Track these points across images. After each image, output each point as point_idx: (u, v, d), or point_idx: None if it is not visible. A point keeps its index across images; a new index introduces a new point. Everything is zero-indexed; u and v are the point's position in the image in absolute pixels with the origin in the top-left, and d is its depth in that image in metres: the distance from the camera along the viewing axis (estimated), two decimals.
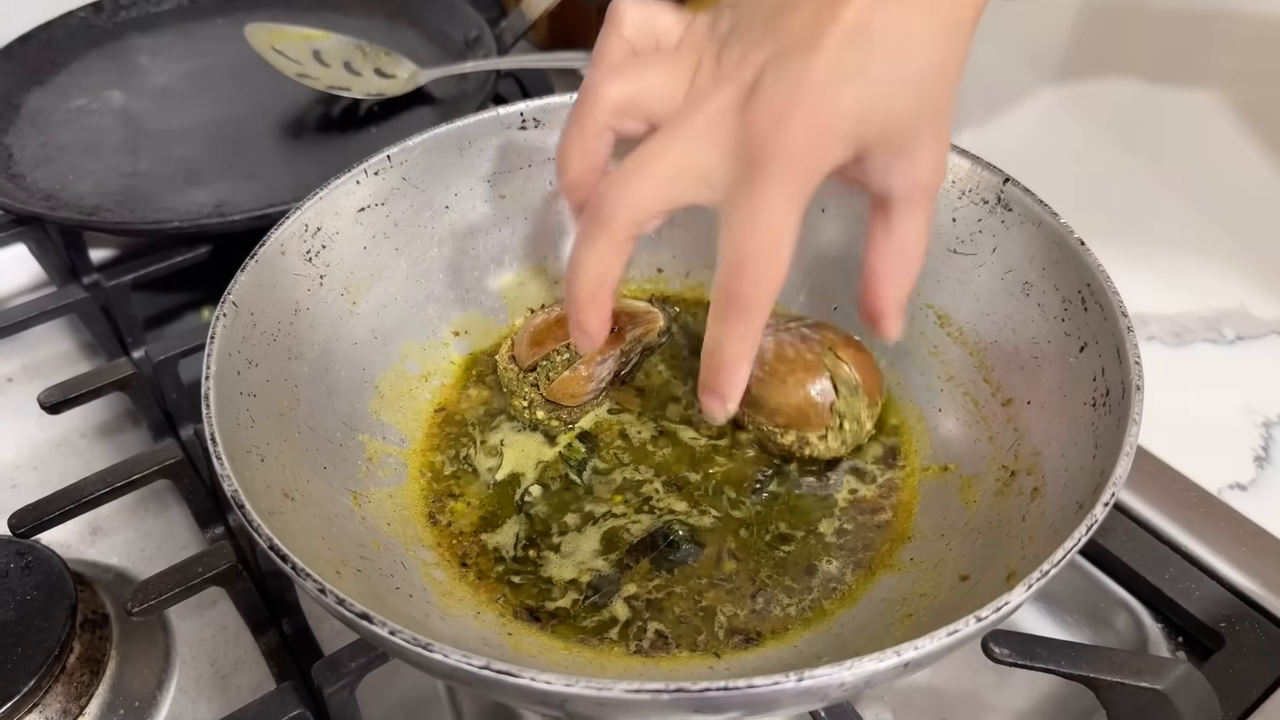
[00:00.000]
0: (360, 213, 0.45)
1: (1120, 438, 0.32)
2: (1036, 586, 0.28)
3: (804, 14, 0.34)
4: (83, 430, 0.60)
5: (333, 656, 0.39)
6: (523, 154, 0.49)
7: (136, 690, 0.46)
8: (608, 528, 0.41)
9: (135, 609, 0.42)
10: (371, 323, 0.45)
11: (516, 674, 0.26)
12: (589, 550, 0.40)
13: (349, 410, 0.43)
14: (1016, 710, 0.45)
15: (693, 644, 0.37)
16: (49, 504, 0.46)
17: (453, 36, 0.76)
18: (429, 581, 0.38)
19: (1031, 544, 0.32)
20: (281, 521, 0.33)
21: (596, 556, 0.40)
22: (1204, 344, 0.59)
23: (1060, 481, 0.35)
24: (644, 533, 0.40)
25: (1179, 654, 0.45)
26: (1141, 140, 0.75)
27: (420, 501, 0.42)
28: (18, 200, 0.61)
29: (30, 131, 0.69)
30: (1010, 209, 0.42)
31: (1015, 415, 0.40)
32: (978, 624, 0.27)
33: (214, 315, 0.38)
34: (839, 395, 0.42)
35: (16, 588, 0.45)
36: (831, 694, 0.28)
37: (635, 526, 0.41)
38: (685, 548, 0.40)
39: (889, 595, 0.37)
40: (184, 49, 0.77)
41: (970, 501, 0.39)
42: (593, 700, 0.26)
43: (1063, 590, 0.48)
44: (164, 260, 0.59)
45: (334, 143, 0.68)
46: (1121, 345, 0.35)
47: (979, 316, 0.43)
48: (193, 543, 0.53)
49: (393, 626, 0.28)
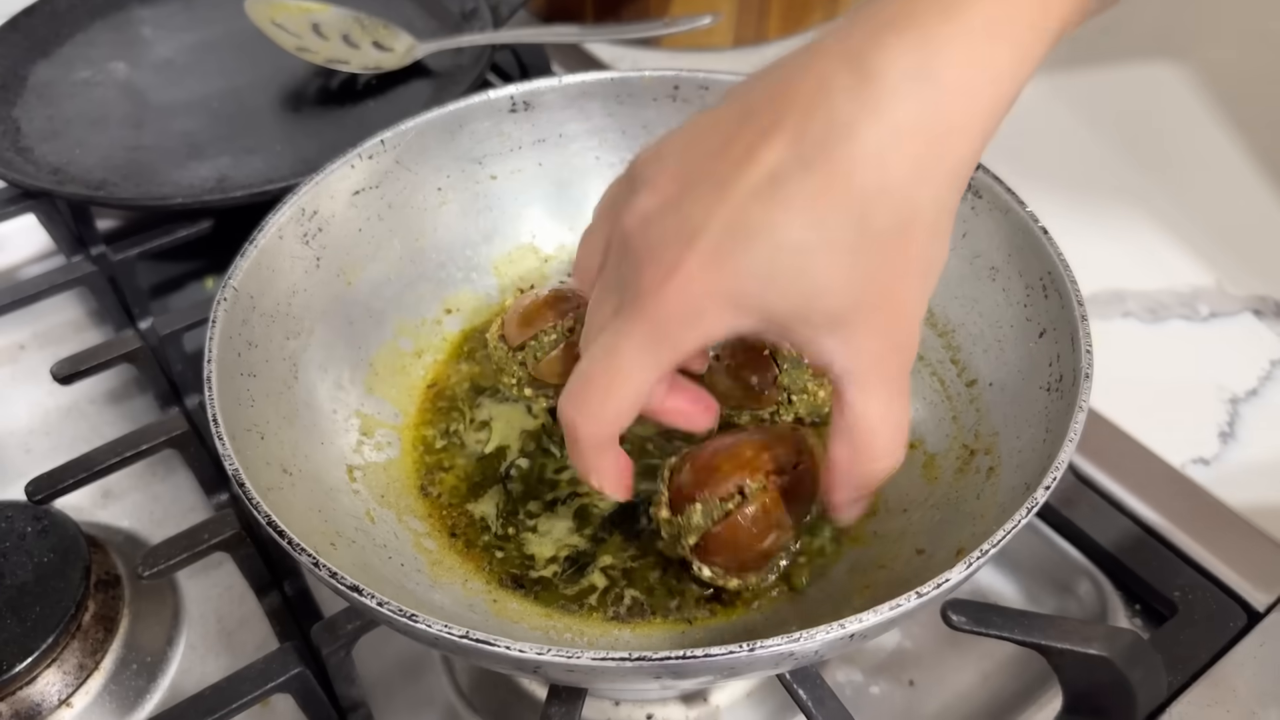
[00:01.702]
0: (355, 195, 0.47)
1: (1067, 423, 0.34)
2: (976, 565, 0.30)
3: (737, 147, 0.29)
4: (91, 397, 0.62)
5: (331, 619, 0.41)
6: (513, 136, 0.51)
7: (148, 646, 0.49)
8: (580, 504, 0.43)
9: (146, 572, 0.44)
10: (366, 302, 0.47)
11: (493, 643, 0.29)
12: (564, 528, 0.42)
13: (344, 387, 0.45)
14: (982, 671, 0.48)
15: (666, 610, 0.39)
16: (63, 472, 0.48)
17: (449, 8, 0.76)
18: (420, 551, 0.41)
19: (982, 521, 0.34)
20: (280, 496, 0.35)
21: (572, 533, 0.42)
22: (1179, 320, 0.60)
23: (1014, 462, 0.37)
24: (614, 506, 0.43)
25: (1136, 620, 0.47)
26: (1126, 123, 0.76)
27: (413, 474, 0.44)
28: (27, 175, 0.62)
29: (37, 104, 0.70)
30: (980, 196, 0.44)
31: (978, 396, 0.42)
32: (919, 599, 0.29)
33: (214, 299, 0.40)
34: (781, 371, 0.43)
35: (34, 550, 0.47)
36: (783, 663, 0.30)
37: (605, 501, 0.43)
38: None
39: (852, 566, 0.39)
40: (185, 20, 0.78)
41: (932, 478, 0.41)
42: (562, 667, 0.29)
43: (1029, 560, 0.51)
44: (168, 235, 0.61)
45: (333, 116, 0.69)
46: (1075, 333, 0.37)
47: (949, 299, 0.45)
48: (199, 506, 0.55)
49: (380, 598, 0.30)
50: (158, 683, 0.48)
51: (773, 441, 0.38)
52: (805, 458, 0.38)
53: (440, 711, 0.46)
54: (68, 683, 0.46)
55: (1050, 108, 0.77)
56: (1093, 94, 0.78)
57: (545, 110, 0.51)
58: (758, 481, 0.37)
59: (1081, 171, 0.71)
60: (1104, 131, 0.75)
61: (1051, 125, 0.75)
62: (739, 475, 0.37)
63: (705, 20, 0.67)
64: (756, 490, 0.37)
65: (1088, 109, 0.77)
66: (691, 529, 0.37)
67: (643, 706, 0.45)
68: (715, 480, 0.37)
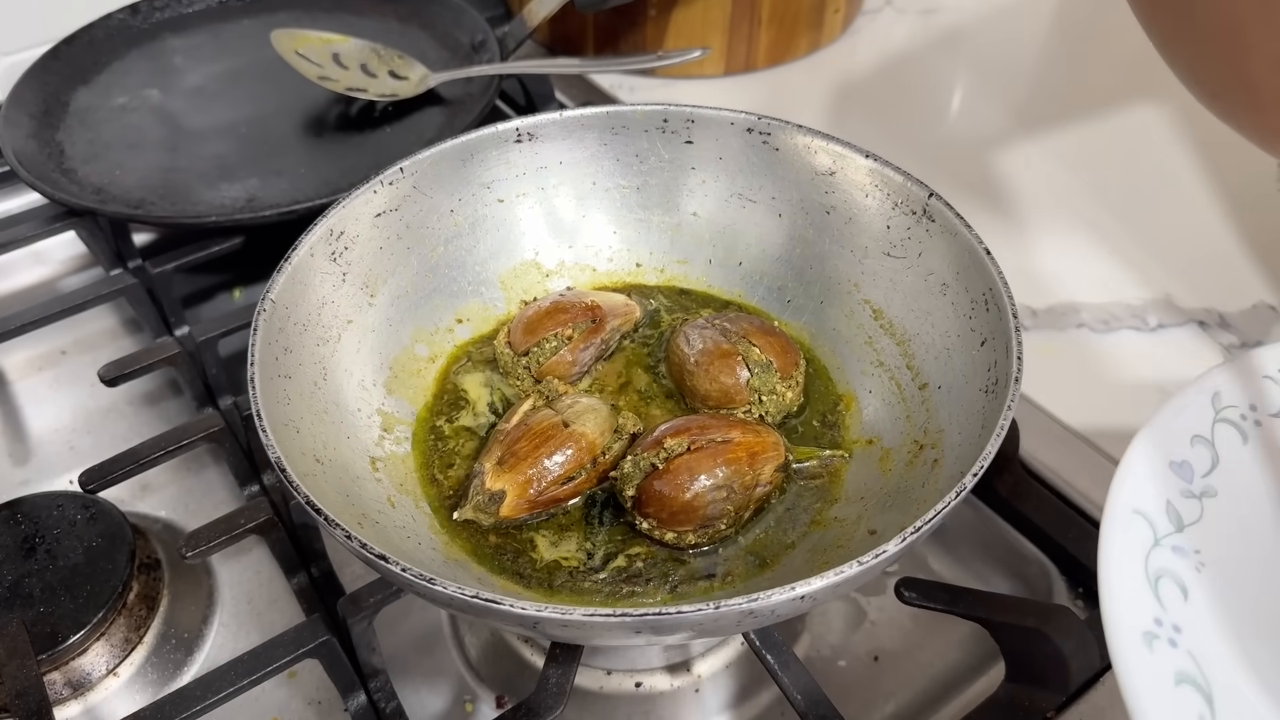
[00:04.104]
0: (377, 217, 0.52)
1: (995, 420, 0.39)
2: (910, 540, 0.35)
3: None
4: (129, 399, 0.67)
5: (354, 593, 0.46)
6: (517, 164, 0.56)
7: (185, 624, 0.54)
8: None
9: (189, 553, 0.49)
10: (387, 312, 0.52)
11: (499, 601, 0.34)
12: (561, 519, 0.47)
13: (368, 388, 0.50)
14: (939, 648, 0.53)
15: (658, 593, 0.44)
16: (112, 465, 0.53)
17: (460, 39, 0.82)
18: (434, 533, 0.46)
19: (925, 505, 0.39)
20: (314, 482, 0.40)
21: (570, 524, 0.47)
22: (1128, 331, 0.65)
23: (954, 455, 0.42)
24: (605, 494, 0.48)
25: (1078, 602, 0.52)
26: (1088, 147, 0.82)
27: (424, 467, 0.49)
28: (71, 194, 0.67)
29: (79, 129, 0.75)
30: (933, 220, 0.49)
31: (928, 398, 0.47)
32: (860, 567, 0.34)
33: (256, 310, 0.45)
34: (752, 374, 0.49)
35: (84, 535, 0.52)
36: (745, 621, 0.35)
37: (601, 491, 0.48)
38: None
39: (814, 547, 0.44)
40: (214, 50, 0.83)
41: (886, 470, 0.46)
42: (558, 622, 0.34)
43: (984, 548, 0.56)
44: (202, 250, 0.66)
45: (352, 141, 0.74)
46: (1010, 342, 0.42)
47: (906, 311, 0.50)
48: (228, 498, 0.60)
49: (404, 564, 0.35)
50: (194, 656, 0.53)
51: (714, 422, 0.46)
52: (743, 437, 0.45)
53: (451, 680, 0.51)
54: (115, 655, 0.51)
55: (1015, 139, 0.83)
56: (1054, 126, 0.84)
57: (547, 140, 0.56)
58: (681, 443, 0.44)
59: (1043, 196, 0.76)
60: (1064, 159, 0.80)
61: (1015, 155, 0.81)
62: (670, 439, 0.45)
63: (695, 54, 0.72)
64: (678, 449, 0.44)
65: (1048, 139, 0.82)
66: (625, 480, 0.45)
67: (632, 676, 0.50)
68: (648, 442, 0.45)
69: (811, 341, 0.53)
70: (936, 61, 0.92)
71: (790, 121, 0.53)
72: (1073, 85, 0.88)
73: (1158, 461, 0.40)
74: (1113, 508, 0.38)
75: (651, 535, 0.45)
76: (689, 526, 0.44)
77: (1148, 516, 0.38)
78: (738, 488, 0.44)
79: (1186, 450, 0.41)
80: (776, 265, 0.55)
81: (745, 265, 0.56)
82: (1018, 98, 0.88)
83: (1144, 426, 0.41)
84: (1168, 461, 0.40)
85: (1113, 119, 0.84)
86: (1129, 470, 0.39)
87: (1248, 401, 0.43)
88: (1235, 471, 0.41)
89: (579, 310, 0.52)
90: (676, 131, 0.55)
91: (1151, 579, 0.36)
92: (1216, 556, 0.38)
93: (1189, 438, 0.41)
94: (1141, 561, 0.37)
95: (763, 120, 0.53)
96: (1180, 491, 0.40)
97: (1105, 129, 0.83)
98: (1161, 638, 0.35)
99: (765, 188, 0.55)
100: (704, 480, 0.43)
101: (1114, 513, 0.38)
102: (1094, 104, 0.85)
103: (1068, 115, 0.85)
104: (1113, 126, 0.83)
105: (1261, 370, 0.44)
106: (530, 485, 0.45)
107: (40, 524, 0.53)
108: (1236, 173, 0.77)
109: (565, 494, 0.46)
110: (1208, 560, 0.38)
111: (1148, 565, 0.37)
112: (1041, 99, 0.88)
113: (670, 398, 0.52)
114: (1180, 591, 0.37)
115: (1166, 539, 0.38)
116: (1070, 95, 0.87)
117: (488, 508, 0.45)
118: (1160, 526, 0.38)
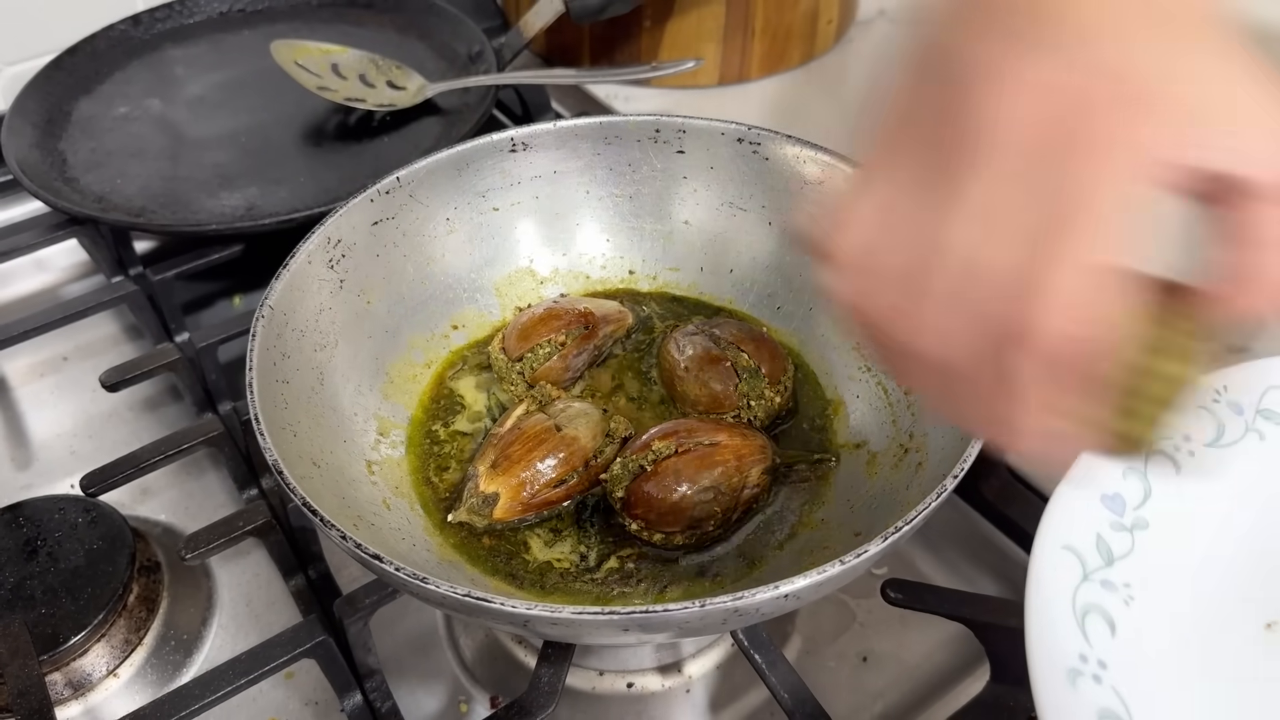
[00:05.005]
0: (374, 226, 0.53)
1: None
2: (891, 539, 0.36)
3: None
4: (130, 404, 0.68)
5: (351, 594, 0.47)
6: (512, 173, 0.57)
7: (185, 625, 0.54)
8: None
9: (188, 555, 0.50)
10: (383, 319, 0.53)
11: (490, 599, 0.35)
12: (554, 523, 0.48)
13: (364, 393, 0.51)
14: (926, 650, 0.53)
15: (647, 594, 0.45)
16: (113, 468, 0.54)
17: (457, 51, 0.83)
18: (429, 535, 0.47)
19: (909, 507, 0.40)
20: (311, 485, 0.41)
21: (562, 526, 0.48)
22: None
23: (938, 458, 0.43)
24: (596, 497, 0.49)
25: None
26: None
27: (419, 470, 0.50)
28: (74, 203, 0.68)
29: (81, 138, 0.76)
30: None
31: (914, 403, 0.48)
32: (842, 566, 0.35)
33: (254, 316, 0.46)
34: (742, 380, 0.50)
35: (85, 538, 0.53)
36: (731, 619, 0.36)
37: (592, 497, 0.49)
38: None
39: (802, 548, 0.45)
40: (215, 60, 0.84)
41: (873, 473, 0.47)
42: (548, 620, 0.35)
43: (970, 550, 0.57)
44: (202, 257, 0.67)
45: (351, 150, 0.75)
46: None
47: None
48: (227, 502, 0.61)
49: (398, 564, 0.36)
50: (193, 658, 0.54)
51: (702, 426, 0.47)
52: (730, 440, 0.46)
53: (446, 680, 0.52)
54: (115, 656, 0.52)
55: None
56: None
57: (541, 150, 0.57)
58: (669, 446, 0.45)
59: None
60: None
61: None
62: (658, 441, 0.46)
63: (689, 65, 0.73)
64: (666, 452, 0.45)
65: None
66: (614, 482, 0.46)
67: (623, 676, 0.51)
68: (637, 445, 0.46)
69: (801, 347, 0.54)
70: None
71: (780, 132, 0.54)
72: None
73: (1089, 494, 0.39)
74: (1041, 543, 0.38)
75: (640, 536, 0.46)
76: (677, 527, 0.45)
77: (1077, 551, 0.38)
78: (725, 490, 0.45)
79: (1119, 482, 0.40)
80: (767, 273, 0.56)
81: (736, 273, 0.57)
82: None
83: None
84: (1099, 494, 0.40)
85: None
86: (1058, 504, 0.39)
87: (1182, 432, 0.42)
88: (1167, 502, 0.40)
89: (572, 317, 0.53)
90: (668, 141, 0.56)
91: (1079, 615, 0.36)
92: (1146, 590, 0.38)
93: (1122, 469, 0.40)
94: (1069, 597, 0.36)
95: (753, 130, 0.54)
96: (1110, 524, 0.39)
97: None
98: (1086, 674, 0.34)
99: (756, 197, 0.56)
100: (691, 482, 0.44)
101: (1042, 548, 0.37)
102: None
103: None
104: None
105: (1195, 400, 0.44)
106: (524, 488, 0.46)
107: (42, 527, 0.53)
108: None
109: (558, 497, 0.47)
110: (1137, 594, 0.38)
111: (1075, 601, 0.36)
112: None
113: (661, 403, 0.53)
114: (1108, 626, 0.36)
115: (1096, 573, 0.37)
116: None
117: (482, 510, 0.46)
118: (1090, 561, 0.38)
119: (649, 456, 0.45)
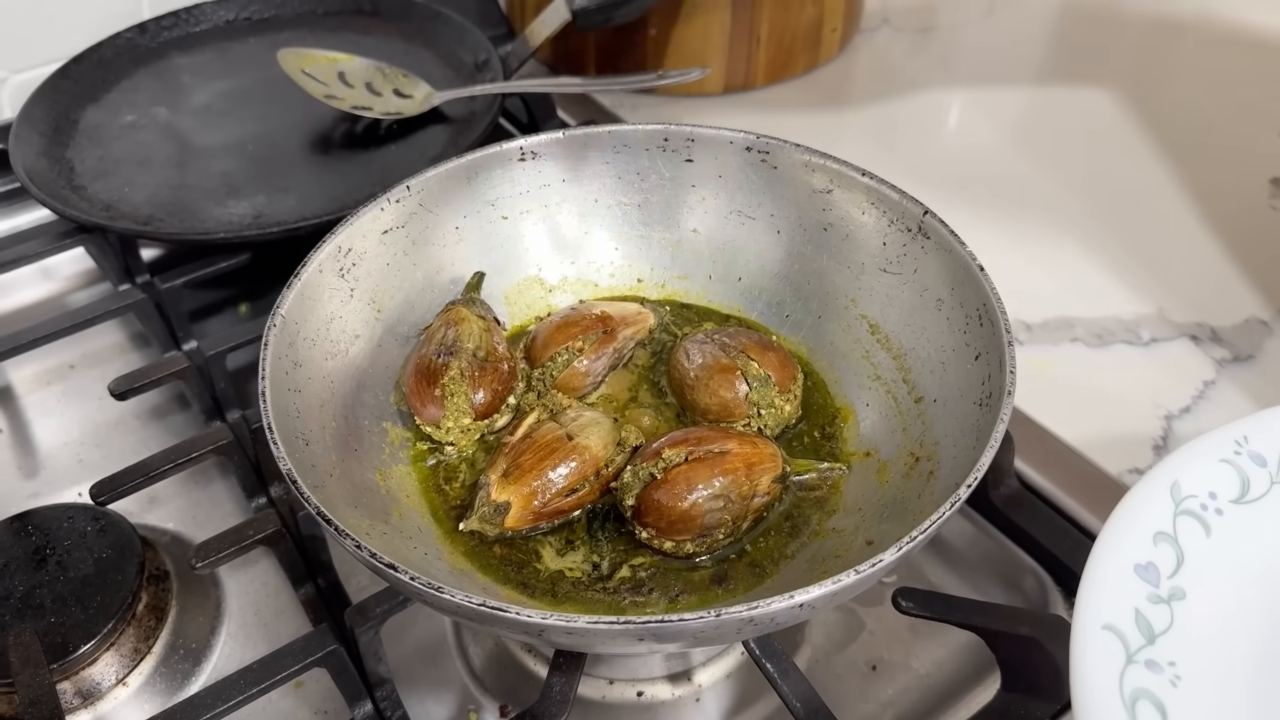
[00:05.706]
0: (384, 234, 0.53)
1: (989, 432, 0.40)
2: (906, 549, 0.36)
3: None
4: (137, 413, 0.68)
5: (361, 603, 0.47)
6: (521, 182, 0.57)
7: (193, 634, 0.54)
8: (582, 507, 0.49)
9: (198, 564, 0.50)
10: (394, 327, 0.53)
11: (505, 609, 0.34)
12: (567, 532, 0.48)
13: (375, 401, 0.51)
14: (937, 659, 0.53)
15: (662, 602, 0.45)
16: (123, 477, 0.54)
17: (464, 59, 0.83)
18: (440, 544, 0.47)
19: (922, 516, 0.40)
20: (323, 494, 0.41)
21: (575, 534, 0.48)
22: (1122, 345, 0.66)
23: (950, 467, 0.43)
24: (607, 505, 0.48)
25: (1072, 612, 0.53)
26: (1082, 164, 0.83)
27: (429, 478, 0.50)
28: (81, 211, 0.68)
29: (88, 146, 0.76)
30: (929, 236, 0.50)
31: (924, 411, 0.48)
32: (856, 575, 0.35)
33: (266, 325, 0.46)
34: (751, 388, 0.50)
35: (94, 547, 0.53)
36: (745, 629, 0.36)
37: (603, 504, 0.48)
38: None
39: (813, 557, 0.45)
40: (221, 68, 0.84)
41: (884, 482, 0.47)
42: (563, 630, 0.35)
43: (979, 559, 0.57)
44: (210, 265, 0.67)
45: (358, 158, 0.75)
46: (1003, 356, 0.43)
47: (902, 326, 0.51)
48: (236, 511, 0.61)
49: (413, 573, 0.36)
50: (202, 666, 0.54)
51: (712, 434, 0.47)
52: (740, 448, 0.46)
53: (456, 690, 0.52)
54: (124, 664, 0.52)
55: (1009, 156, 0.84)
56: (1048, 143, 0.85)
57: (550, 159, 0.57)
58: (679, 454, 0.45)
59: (1038, 212, 0.77)
60: (1059, 175, 0.81)
61: (1010, 172, 0.82)
62: (668, 449, 0.46)
63: (695, 73, 0.74)
64: (676, 460, 0.45)
65: (1042, 156, 0.83)
66: (625, 490, 0.46)
67: (634, 685, 0.51)
68: (648, 453, 0.46)
69: (810, 356, 0.54)
70: (933, 79, 0.93)
71: (788, 140, 0.54)
72: (1068, 103, 0.90)
73: (1122, 566, 0.38)
74: (1081, 624, 0.36)
75: (651, 544, 0.46)
76: (687, 536, 0.45)
77: (1118, 631, 0.37)
78: (735, 498, 0.45)
79: (1150, 550, 0.39)
80: (775, 281, 0.56)
81: (744, 281, 0.57)
82: (1012, 115, 0.89)
83: (1104, 527, 0.40)
84: (1132, 565, 0.38)
85: (1107, 137, 0.85)
86: (1093, 580, 0.38)
87: (1207, 489, 0.41)
88: (1201, 569, 0.39)
89: (589, 322, 0.54)
90: (677, 150, 0.56)
91: (1128, 702, 0.35)
92: (1191, 668, 0.37)
93: (1151, 535, 0.39)
94: (1116, 683, 0.35)
95: (761, 139, 0.55)
96: (1148, 597, 0.38)
97: (1100, 147, 0.84)
98: None
99: (764, 205, 0.56)
100: (701, 490, 0.44)
101: (1083, 630, 0.36)
102: (1089, 122, 0.87)
103: (1062, 133, 0.86)
104: (1107, 144, 0.84)
105: (1217, 454, 0.42)
106: (535, 497, 0.46)
107: (51, 536, 0.53)
108: (1228, 188, 0.79)
109: (569, 505, 0.47)
110: (1183, 673, 0.36)
111: (1123, 687, 0.35)
112: (1036, 117, 0.89)
113: (678, 417, 0.53)
114: (1158, 713, 0.35)
115: (1139, 653, 0.36)
116: (1065, 113, 0.88)
117: (493, 519, 0.46)
118: (1132, 640, 0.36)
119: (659, 464, 0.45)
